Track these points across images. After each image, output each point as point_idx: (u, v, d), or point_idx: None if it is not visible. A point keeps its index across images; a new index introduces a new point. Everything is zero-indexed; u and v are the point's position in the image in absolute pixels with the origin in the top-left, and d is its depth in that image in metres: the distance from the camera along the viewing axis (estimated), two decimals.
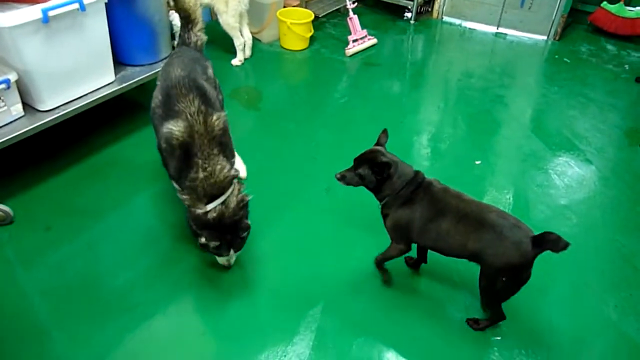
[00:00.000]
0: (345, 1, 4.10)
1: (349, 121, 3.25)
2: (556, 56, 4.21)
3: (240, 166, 2.54)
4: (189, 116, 1.96)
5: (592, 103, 3.55)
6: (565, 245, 1.65)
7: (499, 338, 1.98)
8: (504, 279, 1.77)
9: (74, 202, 2.50)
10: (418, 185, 1.89)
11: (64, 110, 2.53)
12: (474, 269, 1.86)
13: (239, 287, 2.15)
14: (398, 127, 3.23)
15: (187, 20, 2.46)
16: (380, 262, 2.11)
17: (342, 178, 1.93)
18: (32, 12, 2.25)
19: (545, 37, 4.43)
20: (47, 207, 2.46)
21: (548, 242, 1.68)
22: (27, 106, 2.48)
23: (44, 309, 2.02)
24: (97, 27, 2.56)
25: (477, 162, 2.91)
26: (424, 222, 1.86)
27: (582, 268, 2.29)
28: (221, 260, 2.11)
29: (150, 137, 2.94)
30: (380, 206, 1.96)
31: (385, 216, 1.97)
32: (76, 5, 2.37)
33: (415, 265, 2.22)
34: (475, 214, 1.79)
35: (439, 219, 1.84)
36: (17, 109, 2.41)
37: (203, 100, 2.02)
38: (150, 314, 2.00)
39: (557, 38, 4.39)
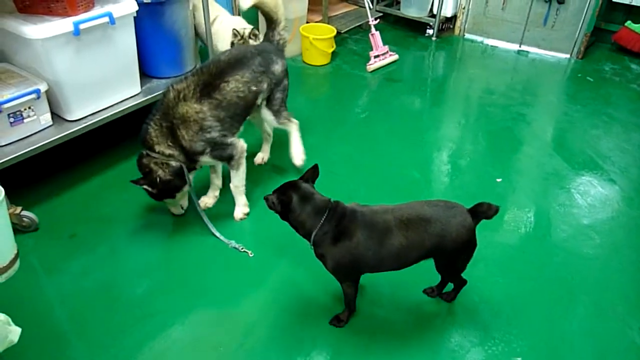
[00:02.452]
0: (368, 17, 4.14)
1: (368, 136, 3.26)
2: (579, 75, 4.17)
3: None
4: (171, 90, 2.25)
5: (615, 122, 3.51)
6: (496, 210, 1.82)
7: (519, 359, 1.94)
8: (464, 256, 1.90)
9: (99, 210, 2.55)
10: (340, 217, 1.79)
11: (91, 120, 2.59)
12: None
13: (257, 301, 2.15)
14: (419, 143, 3.23)
15: (270, 20, 2.62)
16: (349, 305, 1.98)
17: (266, 199, 1.82)
18: (64, 25, 2.32)
19: (568, 56, 4.40)
20: (72, 214, 2.51)
21: (481, 212, 1.83)
22: (56, 116, 2.55)
23: (64, 316, 2.06)
24: (126, 40, 2.63)
25: (498, 180, 2.88)
26: (374, 252, 1.78)
27: (606, 289, 2.25)
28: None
29: None
30: (311, 248, 1.84)
31: (321, 257, 1.84)
32: (106, 19, 2.44)
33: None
34: (414, 215, 1.80)
35: (386, 239, 1.77)
36: (46, 118, 2.48)
37: (200, 84, 2.24)
38: (169, 323, 2.01)
39: (580, 56, 4.36)
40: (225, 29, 3.15)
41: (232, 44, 3.03)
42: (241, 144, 2.40)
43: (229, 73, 2.31)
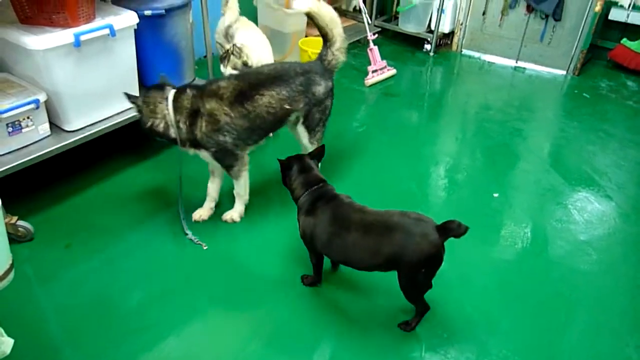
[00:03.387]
0: (366, 32, 4.18)
1: (366, 150, 3.27)
2: (575, 91, 4.21)
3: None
4: (213, 83, 2.31)
5: (612, 139, 3.53)
6: (466, 229, 1.78)
7: None
8: (423, 270, 1.86)
9: (95, 221, 2.54)
10: (320, 196, 2.00)
11: (89, 131, 2.59)
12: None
13: (253, 314, 2.14)
14: (416, 157, 3.24)
15: (325, 38, 2.55)
16: (314, 273, 2.18)
17: (279, 161, 2.10)
18: (65, 36, 2.33)
19: (564, 72, 4.45)
20: (68, 224, 2.50)
21: (451, 229, 1.80)
22: (54, 126, 2.55)
23: (58, 327, 2.04)
24: (126, 52, 2.64)
25: (495, 195, 2.89)
26: (328, 237, 1.95)
27: (603, 306, 2.24)
28: None
29: (171, 160, 3.00)
30: None
31: (297, 221, 2.08)
32: (107, 31, 2.46)
33: (336, 266, 2.30)
34: (380, 222, 1.88)
35: (343, 233, 1.92)
36: (44, 128, 2.48)
37: (237, 89, 2.28)
38: (163, 335, 1.99)
39: (576, 73, 4.40)
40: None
41: (221, 58, 3.00)
42: (243, 160, 2.42)
43: (266, 87, 2.34)
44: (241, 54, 2.94)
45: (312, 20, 2.50)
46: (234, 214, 2.56)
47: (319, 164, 2.18)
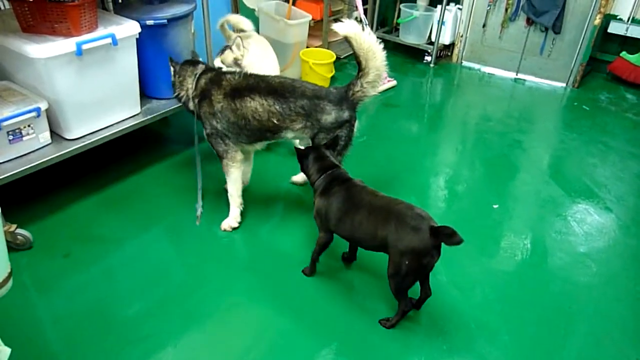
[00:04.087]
0: None
1: (366, 160, 3.27)
2: (575, 103, 4.22)
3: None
4: (223, 72, 2.52)
5: (611, 151, 3.54)
6: (459, 241, 1.79)
7: None
8: (406, 262, 1.89)
9: (94, 230, 2.53)
10: (334, 178, 2.15)
11: (90, 139, 2.60)
12: None
13: (252, 326, 2.13)
14: (416, 167, 3.24)
15: (359, 67, 2.39)
16: (315, 254, 2.27)
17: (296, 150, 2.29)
18: (67, 45, 2.34)
19: (564, 84, 4.46)
20: (67, 233, 2.49)
21: (444, 234, 1.83)
22: (55, 134, 2.56)
23: (55, 336, 2.02)
24: (127, 61, 2.66)
25: (495, 206, 2.89)
26: (340, 215, 2.08)
27: (603, 318, 2.23)
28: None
29: (170, 169, 3.00)
30: None
31: (313, 203, 2.22)
32: (109, 40, 2.47)
33: (347, 260, 2.40)
34: (384, 207, 1.99)
35: (353, 212, 2.05)
36: (45, 136, 2.49)
37: (235, 85, 2.40)
38: (161, 345, 1.98)
39: (576, 85, 4.42)
40: (250, 63, 3.03)
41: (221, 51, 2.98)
42: (233, 155, 2.51)
43: (260, 94, 2.36)
44: (238, 49, 2.93)
45: (350, 45, 2.38)
46: (230, 220, 2.58)
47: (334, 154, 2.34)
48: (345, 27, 2.32)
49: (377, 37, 2.44)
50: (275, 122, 2.38)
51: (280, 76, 2.56)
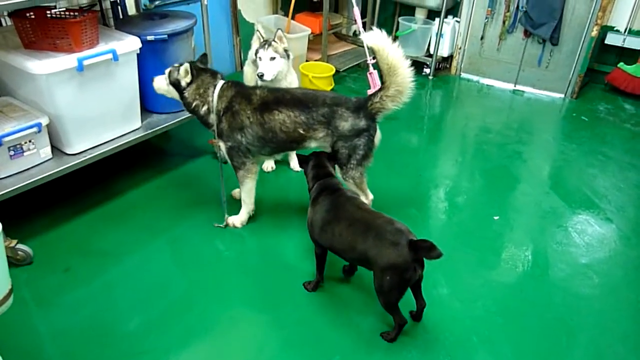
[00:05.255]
0: (366, 56, 4.23)
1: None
2: (574, 114, 4.24)
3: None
4: (249, 87, 2.53)
5: (611, 161, 3.54)
6: (438, 255, 1.78)
7: None
8: (387, 277, 1.89)
9: (94, 244, 2.53)
10: (325, 187, 2.18)
11: (90, 154, 2.61)
12: None
13: (253, 340, 2.12)
14: (416, 179, 3.25)
15: (381, 79, 2.44)
16: (316, 267, 2.27)
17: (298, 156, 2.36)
18: (68, 61, 2.36)
19: (562, 95, 4.48)
20: (67, 248, 2.49)
21: (422, 248, 1.84)
22: (55, 149, 2.57)
23: (55, 351, 2.01)
24: (128, 76, 2.68)
25: (496, 218, 2.89)
26: (322, 224, 2.11)
27: (605, 330, 2.22)
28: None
29: (170, 183, 3.01)
30: None
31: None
32: (110, 56, 2.49)
33: (348, 272, 2.38)
34: (365, 220, 2.00)
35: (334, 223, 2.07)
36: (46, 152, 2.50)
37: (264, 99, 2.43)
38: None
39: (574, 96, 4.44)
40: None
41: (261, 45, 2.91)
42: (249, 167, 2.56)
43: (287, 106, 2.41)
44: (282, 41, 2.91)
45: (376, 58, 2.44)
46: (236, 219, 2.66)
47: (334, 166, 2.41)
48: (373, 38, 2.35)
49: None
50: (301, 132, 2.42)
51: (301, 87, 2.60)
